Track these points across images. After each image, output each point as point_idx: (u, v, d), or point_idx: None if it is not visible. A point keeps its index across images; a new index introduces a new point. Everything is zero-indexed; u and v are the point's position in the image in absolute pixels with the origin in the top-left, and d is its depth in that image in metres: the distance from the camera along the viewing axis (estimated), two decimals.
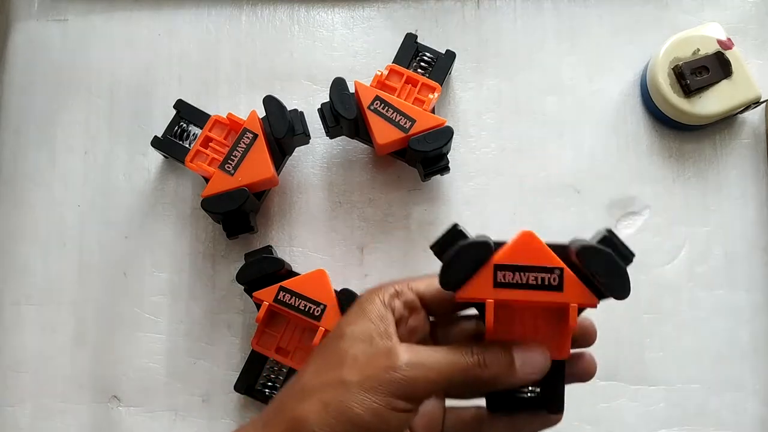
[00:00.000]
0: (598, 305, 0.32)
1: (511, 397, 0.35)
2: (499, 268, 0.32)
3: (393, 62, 0.52)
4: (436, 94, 0.51)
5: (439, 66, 0.52)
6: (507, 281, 0.32)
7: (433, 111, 0.51)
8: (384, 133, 0.49)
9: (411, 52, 0.53)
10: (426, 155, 0.49)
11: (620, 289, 0.31)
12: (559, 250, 0.33)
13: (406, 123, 0.49)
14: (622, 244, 0.32)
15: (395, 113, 0.49)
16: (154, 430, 0.51)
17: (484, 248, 0.32)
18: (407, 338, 0.35)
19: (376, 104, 0.49)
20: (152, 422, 0.51)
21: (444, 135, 0.49)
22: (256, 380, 0.50)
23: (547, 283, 0.32)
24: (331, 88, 0.50)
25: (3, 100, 0.57)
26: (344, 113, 0.49)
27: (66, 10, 0.58)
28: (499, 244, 0.33)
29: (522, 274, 0.32)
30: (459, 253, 0.32)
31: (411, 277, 0.37)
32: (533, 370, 0.33)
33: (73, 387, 0.52)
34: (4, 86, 0.57)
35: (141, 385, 0.52)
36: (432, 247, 0.34)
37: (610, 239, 0.32)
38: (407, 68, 0.52)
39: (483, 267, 0.32)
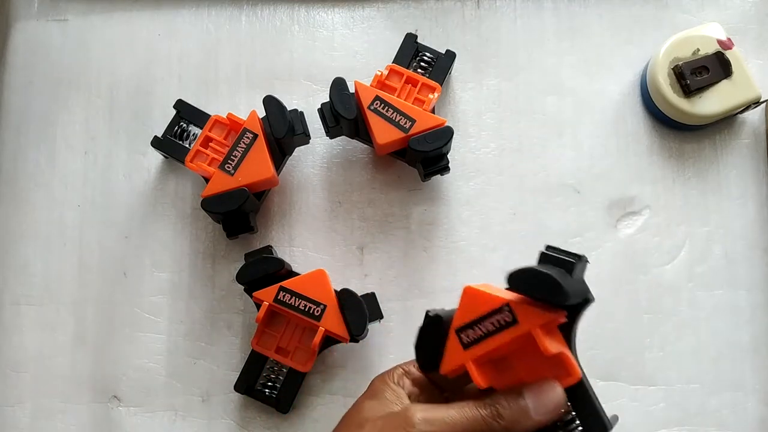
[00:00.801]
0: (558, 317, 0.33)
1: None
2: (459, 331, 0.34)
3: (393, 62, 0.52)
4: (436, 94, 0.51)
5: (439, 66, 0.52)
6: (472, 339, 0.34)
7: (433, 111, 0.51)
8: (384, 133, 0.49)
9: (411, 52, 0.53)
10: (426, 155, 0.49)
11: (555, 294, 0.31)
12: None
13: (406, 123, 0.49)
14: (562, 250, 0.34)
15: (395, 113, 0.49)
16: (154, 430, 0.51)
17: (437, 323, 0.34)
18: None
19: (376, 104, 0.49)
20: (152, 422, 0.51)
21: (444, 135, 0.49)
22: (256, 380, 0.50)
23: (503, 323, 0.33)
24: (331, 88, 0.50)
25: (3, 100, 0.57)
26: (344, 113, 0.49)
27: (66, 10, 0.58)
28: (452, 311, 0.35)
29: (480, 326, 0.33)
30: (420, 339, 0.35)
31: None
32: (548, 408, 0.32)
33: (73, 387, 0.52)
34: (4, 86, 0.57)
35: (141, 385, 0.52)
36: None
37: (546, 255, 0.34)
38: (407, 68, 0.52)
39: (448, 339, 0.34)
